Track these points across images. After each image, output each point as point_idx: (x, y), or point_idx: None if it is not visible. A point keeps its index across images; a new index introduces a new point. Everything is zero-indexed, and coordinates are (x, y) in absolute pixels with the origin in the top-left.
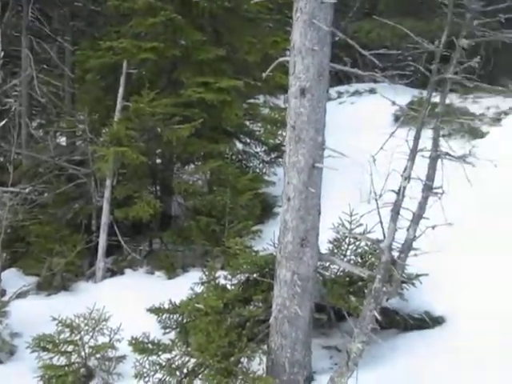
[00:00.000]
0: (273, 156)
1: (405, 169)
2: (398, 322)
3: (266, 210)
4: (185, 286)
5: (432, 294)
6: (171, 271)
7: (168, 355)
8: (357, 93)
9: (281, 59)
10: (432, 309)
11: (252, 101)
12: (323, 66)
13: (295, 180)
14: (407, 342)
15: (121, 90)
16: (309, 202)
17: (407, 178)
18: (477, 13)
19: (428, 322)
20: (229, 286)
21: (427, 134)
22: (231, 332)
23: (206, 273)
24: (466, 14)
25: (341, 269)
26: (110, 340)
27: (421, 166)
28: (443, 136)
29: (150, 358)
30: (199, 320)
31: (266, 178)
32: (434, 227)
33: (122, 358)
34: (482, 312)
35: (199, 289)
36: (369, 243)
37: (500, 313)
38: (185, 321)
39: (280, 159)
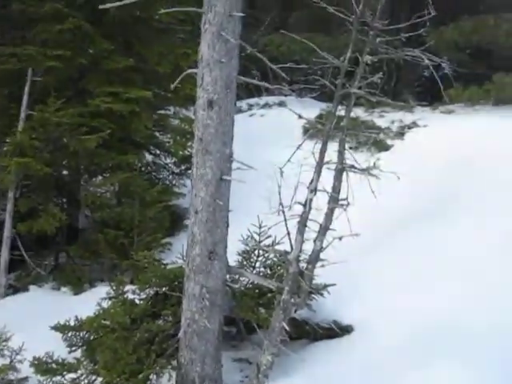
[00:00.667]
0: (183, 168)
1: (311, 181)
2: (307, 333)
3: (175, 222)
4: (92, 301)
5: (341, 304)
6: (78, 286)
7: (73, 375)
8: (267, 105)
9: (189, 71)
10: (340, 318)
11: (162, 112)
12: (231, 78)
13: (203, 192)
14: (317, 351)
15: (25, 99)
16: (217, 214)
17: (313, 191)
18: (380, 31)
19: (337, 330)
20: (137, 301)
21: (334, 147)
22: (139, 348)
23: (114, 287)
24: (369, 32)
25: (250, 281)
26: (11, 361)
27: (327, 178)
28: (350, 148)
29: (53, 379)
30: (106, 337)
31: (175, 189)
32: (340, 238)
33: (23, 380)
34: (389, 319)
35: (107, 304)
36: (278, 255)
37: (407, 318)
38: (91, 338)
39: (190, 171)
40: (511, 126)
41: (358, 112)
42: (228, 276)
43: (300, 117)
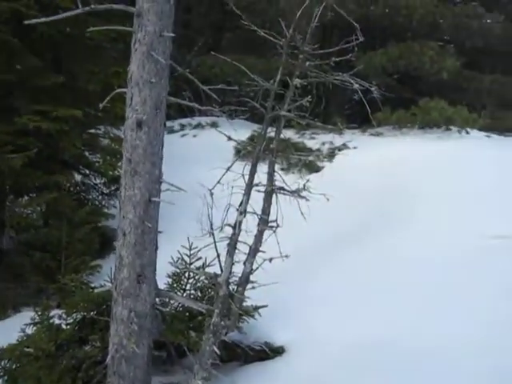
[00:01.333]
0: (112, 188)
1: (241, 203)
2: (238, 355)
3: (105, 243)
4: (16, 327)
5: (272, 325)
6: (1, 312)
7: None
8: (199, 126)
9: (118, 90)
10: (272, 339)
11: (92, 131)
12: (161, 98)
13: (131, 214)
14: (248, 374)
15: None
16: (145, 236)
17: (243, 213)
18: (310, 55)
19: (268, 352)
20: (64, 326)
21: (264, 169)
22: (65, 376)
23: (39, 312)
24: (299, 56)
25: (180, 304)
26: None
27: (258, 200)
28: (281, 170)
29: None
30: (29, 365)
31: (105, 210)
32: (270, 260)
33: None
34: (322, 339)
35: (31, 330)
36: (208, 277)
37: (340, 338)
38: (13, 367)
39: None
40: (435, 147)
41: (290, 134)
42: (157, 299)
43: (229, 138)
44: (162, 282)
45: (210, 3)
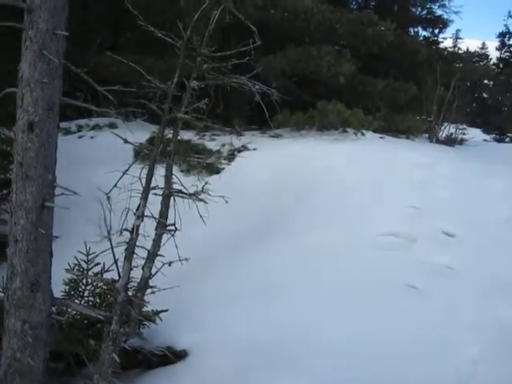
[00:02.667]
0: (4, 192)
1: (138, 207)
2: (140, 361)
3: None
4: None
5: (175, 329)
6: None
7: None
8: (97, 127)
9: (9, 90)
10: (175, 344)
11: None
12: (54, 99)
13: (23, 220)
14: (151, 380)
15: None
16: (39, 243)
17: (140, 217)
18: (208, 57)
19: (171, 357)
20: None
21: (163, 172)
22: None
23: None
24: (197, 58)
25: (78, 312)
26: None
27: (156, 204)
28: (181, 172)
29: None
30: None
31: None
32: (170, 264)
33: None
34: (227, 339)
35: None
36: (106, 283)
37: (245, 338)
38: None
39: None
40: (333, 148)
41: (190, 135)
42: (53, 308)
43: (126, 141)
44: (59, 290)
45: (109, 1)
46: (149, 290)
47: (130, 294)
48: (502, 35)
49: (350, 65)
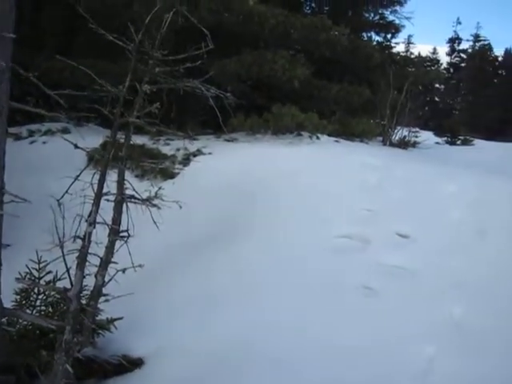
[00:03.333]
0: None
1: (90, 213)
2: (95, 371)
3: None
4: None
5: (131, 337)
6: None
7: None
8: (49, 132)
9: None
10: (130, 352)
11: None
12: (2, 104)
13: None
14: None
15: None
16: None
17: (92, 223)
18: (160, 61)
19: (127, 365)
20: None
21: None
22: None
23: None
24: (149, 61)
25: (30, 322)
26: None
27: (109, 211)
28: (136, 177)
29: None
30: None
31: None
32: (124, 271)
33: None
34: (182, 347)
35: None
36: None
37: (201, 344)
38: None
39: None
40: (287, 152)
41: (144, 140)
42: (4, 319)
43: (76, 147)
44: (9, 300)
45: (62, 3)
46: (102, 298)
47: (83, 302)
48: (451, 41)
49: (304, 69)
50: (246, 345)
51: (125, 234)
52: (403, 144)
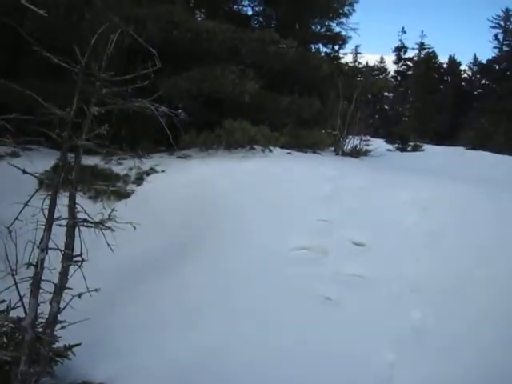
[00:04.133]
0: None
1: (41, 239)
2: None
3: None
4: None
5: (90, 362)
6: None
7: None
8: None
9: None
10: (91, 377)
11: None
12: None
13: None
14: None
15: None
16: None
17: (45, 249)
18: (109, 82)
19: None
20: None
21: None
22: None
23: None
24: (96, 83)
25: None
26: None
27: (61, 235)
28: (89, 198)
29: None
30: None
31: None
32: (79, 296)
33: None
34: (144, 370)
35: None
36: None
37: (162, 366)
38: None
39: None
40: (240, 166)
41: (96, 160)
42: None
43: (24, 172)
44: None
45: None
46: (59, 325)
47: (38, 330)
48: (397, 49)
49: (253, 83)
50: (203, 367)
51: (78, 258)
52: (355, 153)
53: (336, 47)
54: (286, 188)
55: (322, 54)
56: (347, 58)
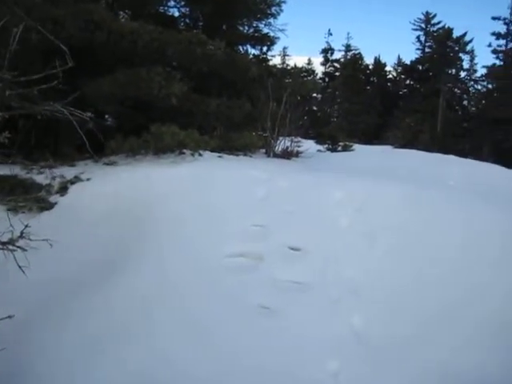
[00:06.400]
0: None
1: None
2: None
3: None
4: None
5: None
6: None
7: None
8: None
9: None
10: None
11: None
12: None
13: None
14: None
15: None
16: None
17: None
18: (11, 83)
19: None
20: None
21: None
22: None
23: None
24: None
25: None
26: None
27: None
28: (9, 210)
29: None
30: None
31: None
32: None
33: None
34: None
35: None
36: None
37: None
38: None
39: None
40: (170, 172)
41: (16, 170)
42: None
43: None
44: None
45: None
46: None
47: None
48: (324, 51)
49: (181, 85)
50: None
51: None
52: (287, 154)
53: (264, 48)
54: (219, 193)
55: (251, 56)
56: (275, 60)
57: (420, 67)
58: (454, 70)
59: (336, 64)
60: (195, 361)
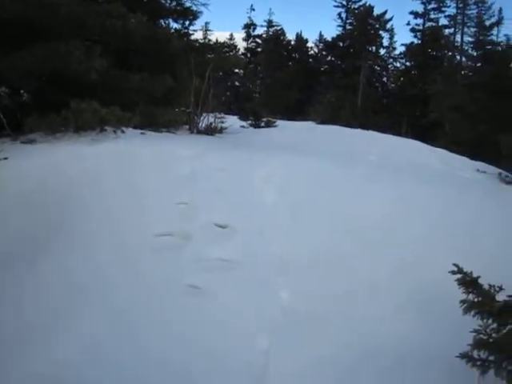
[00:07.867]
0: None
1: None
2: None
3: None
4: None
5: None
6: None
7: None
8: None
9: None
10: None
11: None
12: None
13: None
14: None
15: None
16: None
17: None
18: None
19: None
20: None
21: None
22: None
23: None
24: None
25: None
26: None
27: None
28: None
29: None
30: None
31: None
32: None
33: None
34: None
35: None
36: None
37: None
38: None
39: None
40: (91, 150)
41: None
42: None
43: None
44: None
45: None
46: None
47: None
48: (246, 27)
49: (101, 60)
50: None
51: None
52: (210, 131)
53: (187, 23)
54: (142, 171)
55: (173, 30)
56: (198, 35)
57: (341, 44)
58: (374, 48)
59: (258, 40)
60: (121, 355)
